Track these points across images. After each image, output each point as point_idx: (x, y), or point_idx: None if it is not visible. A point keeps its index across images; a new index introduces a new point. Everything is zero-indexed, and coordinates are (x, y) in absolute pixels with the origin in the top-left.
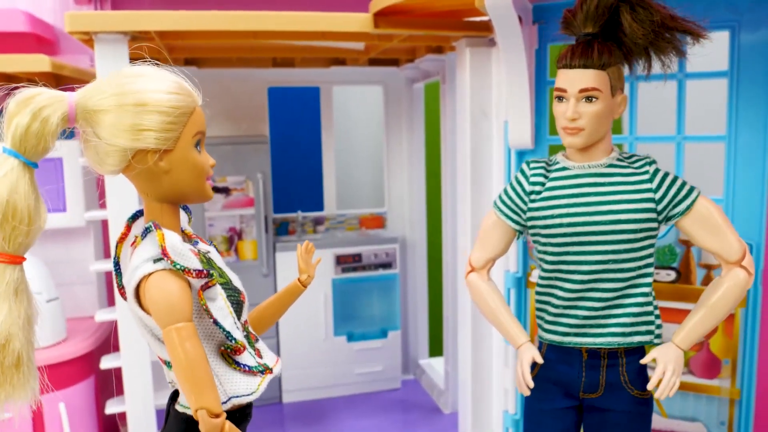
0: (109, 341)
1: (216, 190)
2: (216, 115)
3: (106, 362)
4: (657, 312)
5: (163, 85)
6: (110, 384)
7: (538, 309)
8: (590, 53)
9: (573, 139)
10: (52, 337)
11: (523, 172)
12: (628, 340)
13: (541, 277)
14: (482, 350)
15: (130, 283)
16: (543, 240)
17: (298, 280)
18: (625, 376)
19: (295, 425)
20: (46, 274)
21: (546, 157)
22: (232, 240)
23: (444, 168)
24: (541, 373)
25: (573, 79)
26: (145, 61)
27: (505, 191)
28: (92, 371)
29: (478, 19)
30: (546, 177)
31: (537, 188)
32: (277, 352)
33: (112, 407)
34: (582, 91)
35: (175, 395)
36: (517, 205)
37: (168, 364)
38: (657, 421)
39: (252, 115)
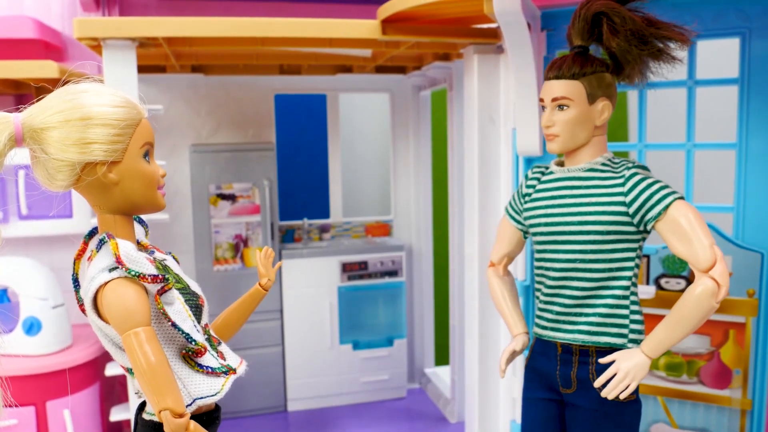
0: None
1: (222, 197)
2: (222, 122)
3: (111, 369)
4: (636, 317)
5: (107, 99)
6: (115, 391)
7: None
8: (562, 65)
9: (550, 145)
10: (57, 343)
11: (525, 176)
12: (596, 339)
13: (534, 274)
14: (489, 358)
15: (87, 293)
16: (533, 239)
17: (259, 284)
18: (594, 375)
19: None
20: (52, 280)
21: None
22: (238, 247)
23: (451, 175)
24: (530, 363)
25: (548, 89)
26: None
27: (513, 194)
28: (97, 378)
29: (486, 26)
30: (539, 181)
31: (529, 191)
32: (283, 360)
33: (116, 414)
34: (554, 100)
35: (142, 406)
36: (517, 206)
37: (131, 371)
38: (667, 431)
39: (258, 122)
